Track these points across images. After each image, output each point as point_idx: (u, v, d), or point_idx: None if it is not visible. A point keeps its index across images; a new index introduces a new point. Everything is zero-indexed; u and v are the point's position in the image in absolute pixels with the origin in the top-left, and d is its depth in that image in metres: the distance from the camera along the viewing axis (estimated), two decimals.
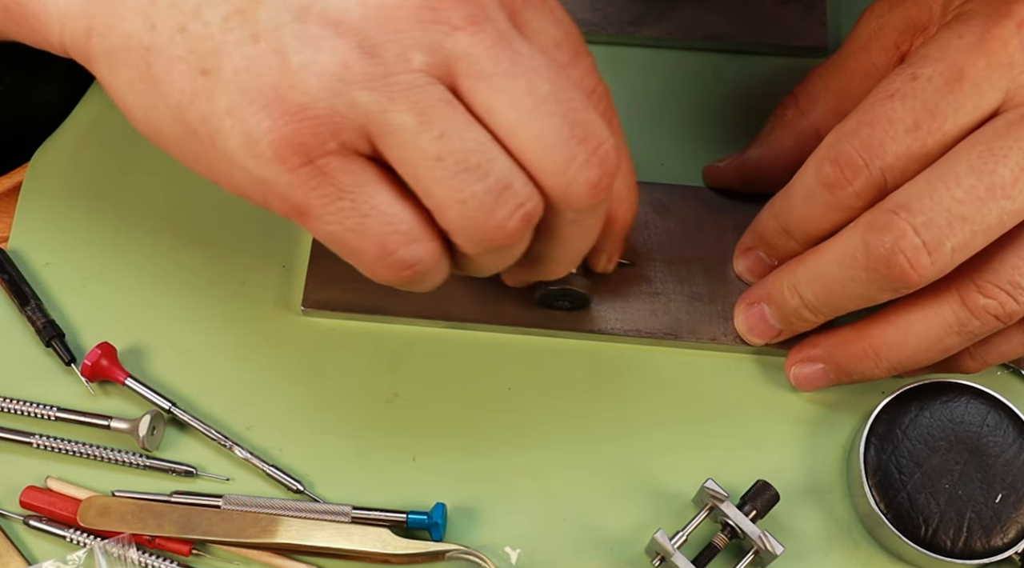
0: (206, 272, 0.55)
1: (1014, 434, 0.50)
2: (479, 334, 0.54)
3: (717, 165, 0.55)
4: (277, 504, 0.50)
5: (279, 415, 0.53)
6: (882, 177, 0.45)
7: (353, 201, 0.38)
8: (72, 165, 0.58)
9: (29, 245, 0.56)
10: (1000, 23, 0.44)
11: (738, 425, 0.53)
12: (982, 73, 0.43)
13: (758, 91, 0.60)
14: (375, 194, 0.38)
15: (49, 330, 0.53)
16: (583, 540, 0.51)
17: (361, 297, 0.54)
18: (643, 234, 0.55)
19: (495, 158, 0.38)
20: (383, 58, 0.37)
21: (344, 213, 0.38)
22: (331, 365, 0.54)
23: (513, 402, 0.53)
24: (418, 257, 0.39)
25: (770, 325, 0.51)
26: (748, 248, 0.53)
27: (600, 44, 0.61)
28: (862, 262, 0.44)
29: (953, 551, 0.48)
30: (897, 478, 0.49)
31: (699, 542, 0.49)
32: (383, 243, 0.39)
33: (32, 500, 0.50)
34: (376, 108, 0.37)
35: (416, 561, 0.50)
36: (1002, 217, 0.43)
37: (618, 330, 0.53)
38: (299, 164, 0.37)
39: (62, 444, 0.51)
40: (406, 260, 0.39)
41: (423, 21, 0.37)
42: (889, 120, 0.44)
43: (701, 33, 0.61)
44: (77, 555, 0.50)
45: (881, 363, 0.49)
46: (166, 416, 0.52)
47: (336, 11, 0.37)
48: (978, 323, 0.46)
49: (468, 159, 0.37)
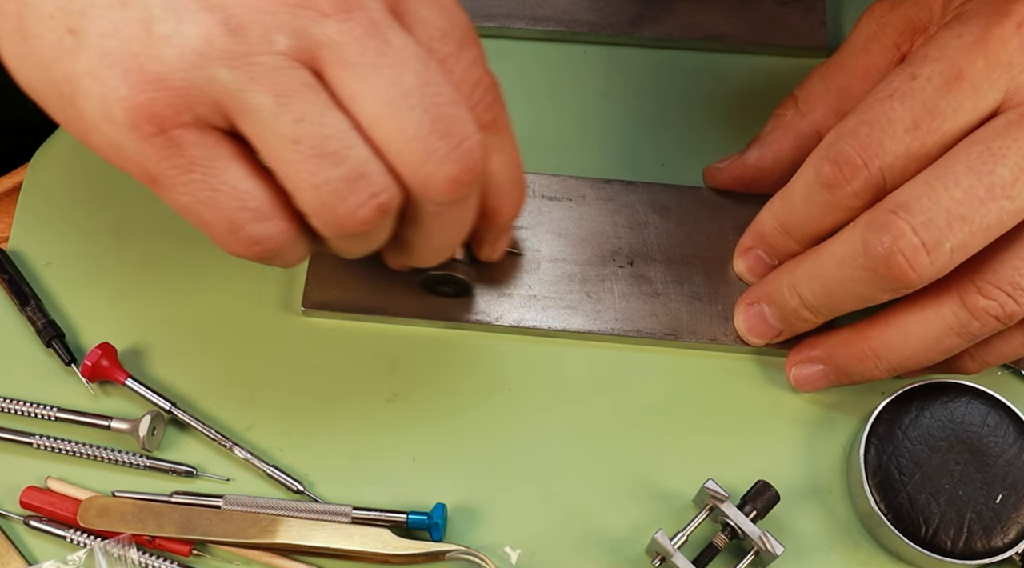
0: (206, 272, 0.55)
1: (1014, 434, 0.50)
2: (479, 334, 0.54)
3: (717, 166, 0.55)
4: (277, 504, 0.50)
5: (279, 415, 0.53)
6: (881, 177, 0.45)
7: (204, 174, 0.38)
8: (72, 165, 0.58)
9: (29, 245, 0.56)
10: (999, 23, 0.44)
11: (738, 425, 0.53)
12: (981, 73, 0.43)
13: (758, 91, 0.60)
14: (228, 169, 0.39)
15: (49, 330, 0.53)
16: (583, 540, 0.51)
17: (361, 297, 0.54)
18: (643, 234, 0.55)
19: (353, 146, 0.38)
20: (247, 37, 0.37)
21: (195, 185, 0.38)
22: (331, 365, 0.54)
23: (513, 402, 0.53)
24: (268, 234, 0.40)
25: (770, 325, 0.51)
26: (748, 248, 0.53)
27: (600, 44, 0.61)
28: (861, 262, 0.44)
29: (953, 551, 0.48)
30: (897, 478, 0.49)
31: (699, 542, 0.49)
32: (232, 218, 0.39)
33: (32, 500, 0.50)
34: (235, 86, 0.37)
35: (416, 561, 0.50)
36: (1001, 217, 0.43)
37: (618, 330, 0.53)
38: (152, 133, 0.37)
39: (62, 444, 0.51)
40: (255, 236, 0.40)
41: (291, 5, 0.37)
42: (888, 120, 0.44)
43: (701, 33, 0.61)
44: (77, 555, 0.50)
45: (881, 364, 0.49)
46: (166, 416, 0.52)
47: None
48: (978, 324, 0.46)
49: (325, 145, 0.38)
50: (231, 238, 0.40)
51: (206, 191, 0.39)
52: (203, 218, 0.39)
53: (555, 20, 0.61)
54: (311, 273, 0.54)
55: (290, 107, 0.37)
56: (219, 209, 0.39)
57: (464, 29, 0.42)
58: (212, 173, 0.38)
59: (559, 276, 0.54)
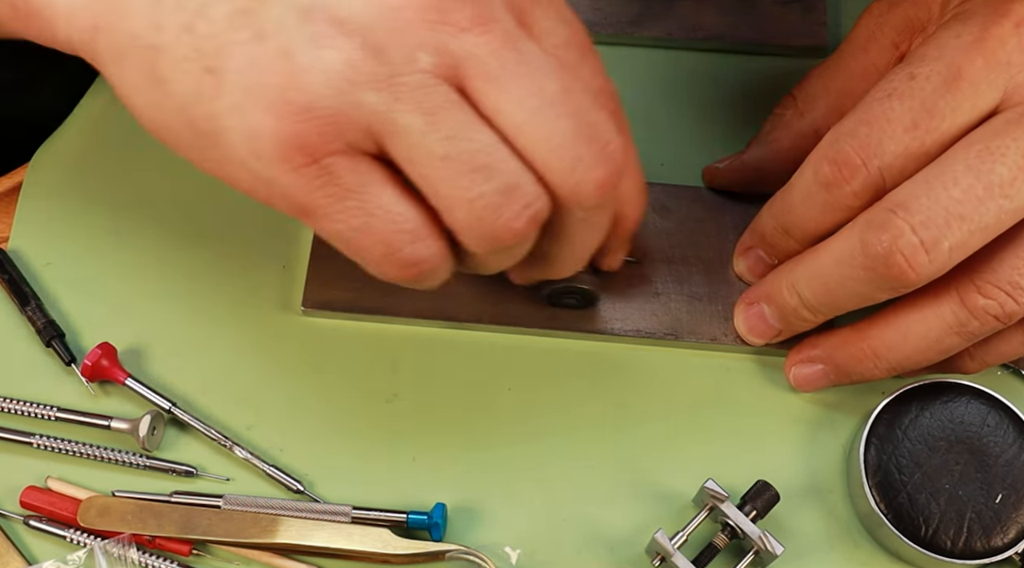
0: (206, 272, 0.55)
1: (1014, 434, 0.50)
2: (479, 334, 0.54)
3: (717, 166, 0.55)
4: (277, 504, 0.50)
5: (279, 415, 0.53)
6: (880, 176, 0.44)
7: (358, 200, 0.38)
8: (72, 165, 0.58)
9: (29, 245, 0.56)
10: (998, 22, 0.44)
11: (738, 425, 0.53)
12: (980, 72, 0.43)
13: (758, 91, 0.60)
14: (381, 193, 0.38)
15: (49, 330, 0.53)
16: (583, 540, 0.51)
17: (361, 297, 0.54)
18: (643, 234, 0.55)
19: (503, 158, 0.38)
20: (389, 58, 0.37)
21: (350, 212, 0.38)
22: (331, 365, 0.54)
23: (513, 402, 0.53)
24: (423, 256, 0.40)
25: (770, 325, 0.51)
26: (748, 248, 0.53)
27: (600, 44, 0.60)
28: (860, 261, 0.44)
29: (953, 551, 0.48)
30: (897, 478, 0.49)
31: (699, 542, 0.49)
32: (388, 241, 0.39)
33: (32, 500, 0.50)
34: (383, 108, 0.37)
35: (416, 561, 0.50)
36: (1000, 216, 0.43)
37: (618, 330, 0.53)
38: (303, 164, 0.37)
39: (62, 444, 0.51)
40: (411, 258, 0.39)
41: (429, 22, 0.37)
42: (887, 119, 0.44)
43: (701, 33, 0.61)
44: (77, 555, 0.50)
45: (881, 364, 0.49)
46: (166, 416, 0.52)
47: (342, 11, 0.37)
48: (977, 324, 0.46)
49: (476, 159, 0.38)
50: (388, 262, 0.40)
51: (361, 217, 0.38)
52: (359, 244, 0.39)
53: None
54: (311, 273, 0.54)
55: (439, 125, 0.37)
56: (375, 233, 0.39)
57: (583, 37, 0.43)
58: (366, 198, 0.38)
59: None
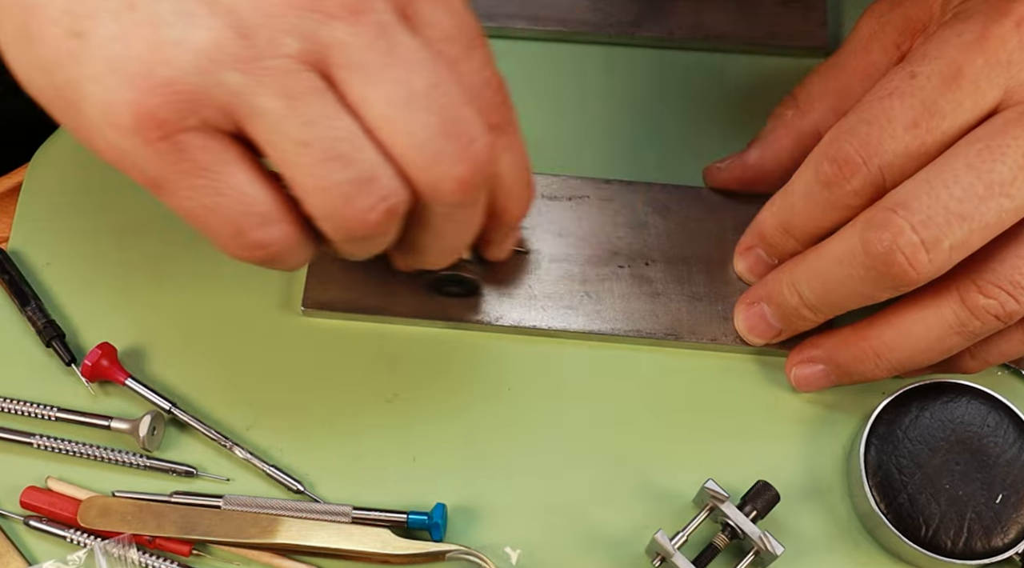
0: (206, 272, 0.55)
1: (1014, 434, 0.50)
2: (479, 334, 0.54)
3: (717, 166, 0.55)
4: (277, 504, 0.50)
5: (279, 415, 0.53)
6: (880, 175, 0.44)
7: (210, 179, 0.38)
8: (72, 165, 0.58)
9: (29, 245, 0.56)
10: (999, 21, 0.44)
11: (738, 425, 0.53)
12: (981, 71, 0.43)
13: (758, 91, 0.60)
14: (233, 174, 0.38)
15: (49, 330, 0.53)
16: (583, 540, 0.51)
17: (361, 297, 0.54)
18: (643, 234, 0.55)
19: (362, 149, 0.38)
20: (255, 41, 0.36)
21: (200, 190, 0.38)
22: (331, 365, 0.54)
23: (513, 402, 0.53)
24: (273, 239, 0.40)
25: (770, 324, 0.51)
26: (748, 247, 0.53)
27: (600, 44, 0.61)
28: (861, 260, 0.44)
29: (953, 551, 0.48)
30: (897, 478, 0.49)
31: (699, 542, 0.49)
32: (237, 223, 0.39)
33: (32, 500, 0.50)
34: (244, 90, 0.37)
35: (416, 561, 0.50)
36: (1001, 215, 0.43)
37: (618, 330, 0.53)
38: (157, 137, 0.37)
39: (62, 444, 0.51)
40: (259, 241, 0.39)
41: (300, 8, 0.37)
42: (888, 118, 0.44)
43: (701, 33, 0.61)
44: (77, 555, 0.50)
45: (881, 364, 0.49)
46: (166, 416, 0.52)
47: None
48: (978, 323, 0.46)
49: (334, 148, 0.37)
50: (235, 242, 0.40)
51: (211, 196, 0.38)
52: (207, 223, 0.39)
53: (556, 20, 0.61)
54: (311, 273, 0.54)
55: (299, 110, 0.37)
56: (224, 213, 0.39)
57: (472, 30, 0.42)
58: (217, 177, 0.38)
59: (559, 276, 0.54)
